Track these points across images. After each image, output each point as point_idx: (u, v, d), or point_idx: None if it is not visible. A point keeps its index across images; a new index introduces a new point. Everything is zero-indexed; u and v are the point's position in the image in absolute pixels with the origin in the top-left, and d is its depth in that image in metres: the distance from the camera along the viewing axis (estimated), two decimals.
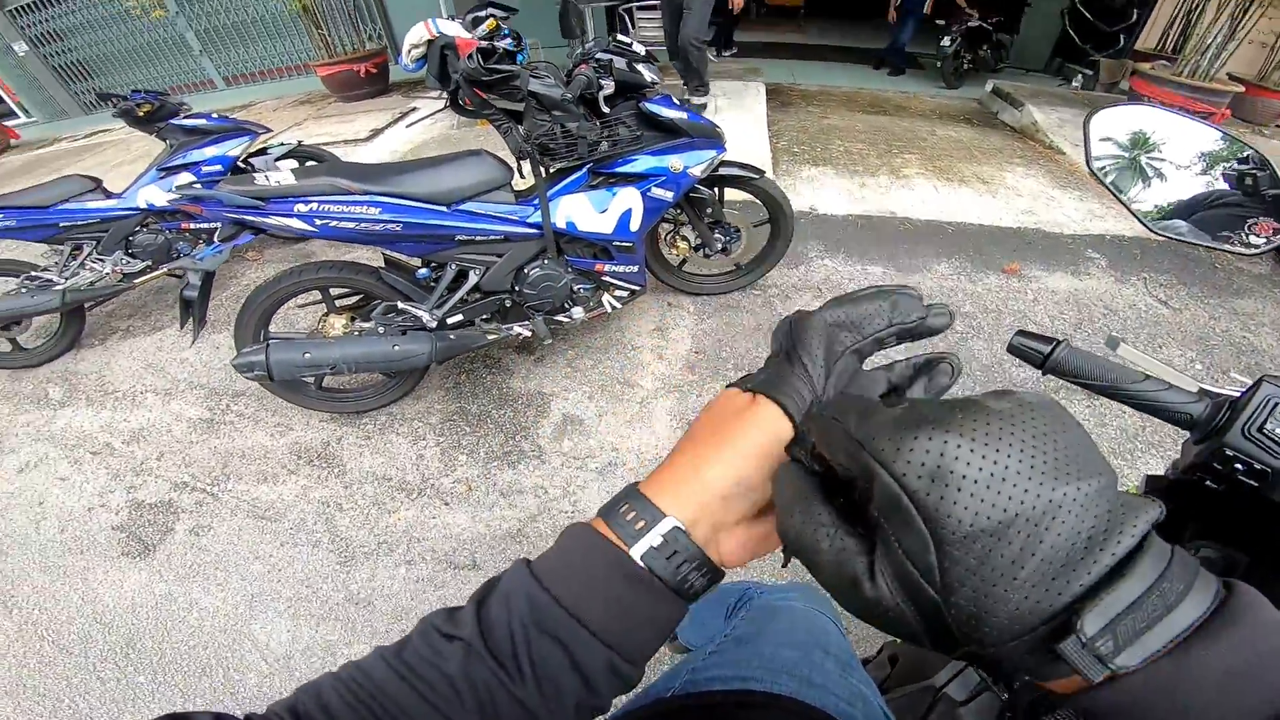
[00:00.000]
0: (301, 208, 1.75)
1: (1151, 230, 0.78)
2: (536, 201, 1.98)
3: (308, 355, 1.90)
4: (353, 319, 2.06)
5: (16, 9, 8.44)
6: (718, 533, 0.35)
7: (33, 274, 2.83)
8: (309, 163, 3.43)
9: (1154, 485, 0.65)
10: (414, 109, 5.49)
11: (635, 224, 2.07)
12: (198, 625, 1.73)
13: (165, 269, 3.02)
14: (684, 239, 2.49)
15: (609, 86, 1.91)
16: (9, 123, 9.84)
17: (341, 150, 4.37)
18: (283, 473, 2.11)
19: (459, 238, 1.92)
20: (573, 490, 1.90)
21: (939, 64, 6.25)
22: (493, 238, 1.95)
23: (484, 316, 2.13)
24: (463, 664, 0.33)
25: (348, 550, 1.83)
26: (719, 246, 2.44)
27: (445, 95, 4.44)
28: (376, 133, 5.00)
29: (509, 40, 4.73)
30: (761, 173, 2.34)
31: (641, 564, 0.33)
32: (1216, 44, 4.92)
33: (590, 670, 0.33)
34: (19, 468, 2.36)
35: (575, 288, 2.15)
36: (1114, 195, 0.81)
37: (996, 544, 0.22)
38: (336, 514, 1.94)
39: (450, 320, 2.05)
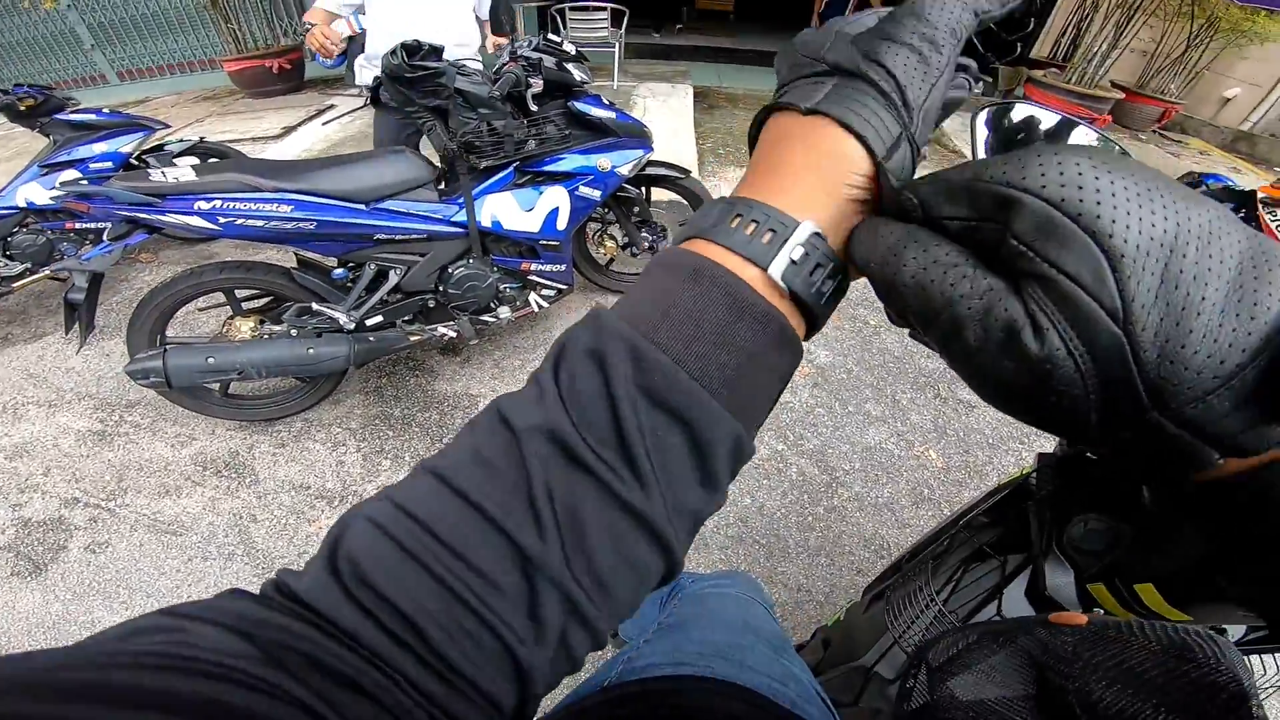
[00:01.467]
0: (203, 205, 1.65)
1: None
2: (461, 200, 1.93)
3: (211, 360, 1.80)
4: (261, 322, 1.96)
5: None
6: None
7: None
8: (211, 160, 3.24)
9: (1044, 462, 0.68)
10: (331, 106, 5.28)
11: (562, 223, 2.07)
12: None
13: (47, 271, 2.78)
14: (611, 238, 2.50)
15: (537, 85, 1.88)
16: None
17: (249, 148, 4.11)
18: (187, 485, 1.99)
19: (378, 237, 1.85)
20: None
21: None
22: (414, 237, 1.90)
23: (406, 318, 2.07)
24: (544, 471, 0.24)
25: (266, 561, 1.77)
26: (645, 245, 2.46)
27: (366, 91, 4.18)
28: (289, 130, 4.75)
29: None
30: (687, 173, 2.38)
31: (782, 284, 0.26)
32: (1101, 52, 5.34)
33: (713, 453, 0.25)
34: None
35: (501, 287, 2.12)
36: None
37: (1172, 257, 0.18)
38: (250, 525, 1.86)
39: (370, 322, 1.98)
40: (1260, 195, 2.77)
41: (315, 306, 1.92)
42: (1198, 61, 5.94)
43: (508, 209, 1.99)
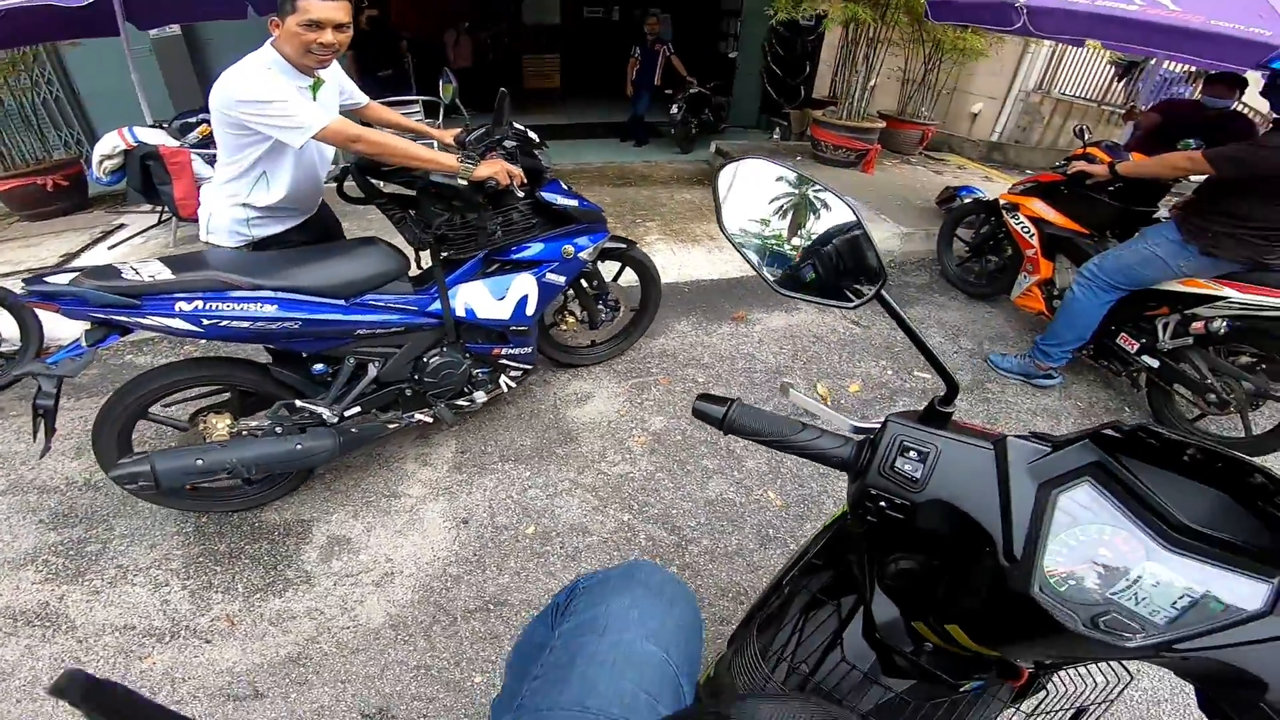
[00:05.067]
0: (184, 305, 1.64)
1: (779, 292, 0.77)
2: (434, 290, 2.02)
3: (200, 462, 1.79)
4: (236, 418, 1.98)
5: None
6: None
7: None
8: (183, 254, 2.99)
9: (851, 501, 0.69)
10: (120, 225, 4.78)
11: (531, 309, 2.22)
12: None
13: None
14: (572, 314, 2.69)
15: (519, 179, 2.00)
16: None
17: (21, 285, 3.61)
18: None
19: (359, 332, 1.90)
20: (351, 605, 1.89)
21: (672, 131, 7.16)
22: (394, 329, 1.97)
23: (382, 406, 2.14)
24: None
25: None
26: (602, 318, 2.68)
27: (160, 208, 3.91)
28: (70, 257, 4.24)
29: None
30: (633, 244, 2.62)
31: None
32: (860, 85, 5.96)
33: None
34: None
35: (474, 372, 2.23)
36: (744, 258, 0.79)
37: None
38: (77, 665, 1.77)
39: (348, 413, 2.01)
40: (1001, 203, 3.48)
41: (298, 403, 1.94)
42: (937, 82, 6.86)
43: (480, 298, 2.11)
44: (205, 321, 1.67)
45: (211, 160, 4.28)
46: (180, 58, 5.97)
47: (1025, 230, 3.33)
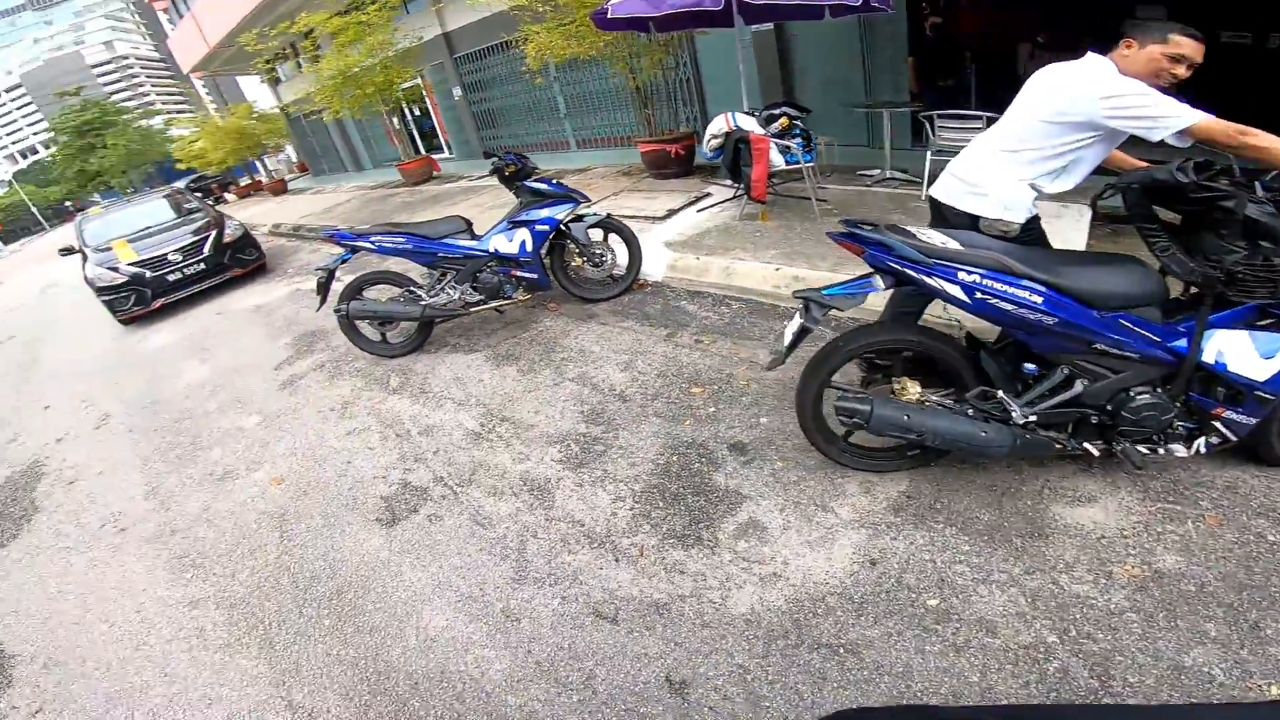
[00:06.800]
0: (964, 276, 1.78)
1: None
2: (1185, 327, 1.84)
3: (907, 419, 1.94)
4: (922, 387, 2.10)
5: (462, 57, 11.16)
6: None
7: (411, 289, 3.89)
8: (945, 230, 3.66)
9: None
10: (708, 194, 5.77)
11: None
12: (389, 593, 2.11)
13: (495, 304, 3.91)
14: None
15: None
16: (436, 156, 13.44)
17: (640, 226, 4.86)
18: (508, 493, 2.48)
19: (1097, 345, 1.84)
20: (729, 586, 1.95)
21: None
22: (1126, 354, 1.87)
23: (1055, 422, 2.03)
24: None
25: (524, 572, 2.10)
26: None
27: (737, 186, 4.44)
28: (671, 213, 5.39)
29: (799, 139, 4.91)
30: None
31: None
32: None
33: None
34: (349, 431, 3.26)
35: (1176, 423, 1.95)
36: None
37: None
38: (530, 539, 2.23)
39: (1029, 419, 1.97)
40: None
41: (1000, 395, 1.96)
42: None
43: (1240, 350, 1.82)
44: (977, 295, 1.77)
45: (783, 151, 4.82)
46: (770, 51, 6.80)
47: None
